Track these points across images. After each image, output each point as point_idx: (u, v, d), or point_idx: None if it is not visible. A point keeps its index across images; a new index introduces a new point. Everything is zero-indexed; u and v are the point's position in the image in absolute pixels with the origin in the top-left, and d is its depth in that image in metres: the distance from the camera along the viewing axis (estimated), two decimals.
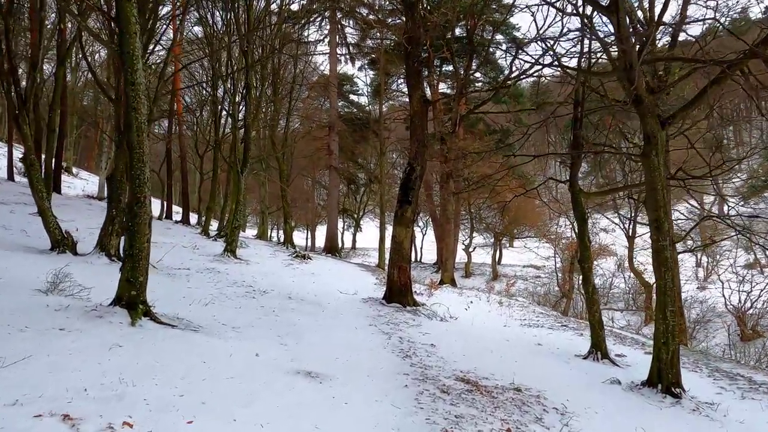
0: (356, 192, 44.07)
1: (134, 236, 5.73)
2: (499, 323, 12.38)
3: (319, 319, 8.20)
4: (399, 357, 6.55)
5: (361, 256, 40.61)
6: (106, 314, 5.51)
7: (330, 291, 11.82)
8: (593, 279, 9.36)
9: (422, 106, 11.06)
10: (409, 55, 11.00)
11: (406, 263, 11.03)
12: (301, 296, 10.13)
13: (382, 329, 8.25)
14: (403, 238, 10.95)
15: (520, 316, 13.87)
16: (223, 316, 6.91)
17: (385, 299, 11.14)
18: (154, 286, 8.80)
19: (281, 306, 8.66)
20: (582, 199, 9.41)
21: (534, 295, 25.51)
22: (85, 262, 9.78)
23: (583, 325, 13.76)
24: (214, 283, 10.03)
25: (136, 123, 5.66)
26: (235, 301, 8.37)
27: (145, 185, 5.75)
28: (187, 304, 7.31)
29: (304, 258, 18.02)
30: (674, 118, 7.29)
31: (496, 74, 31.36)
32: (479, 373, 6.42)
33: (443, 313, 11.19)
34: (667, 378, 6.98)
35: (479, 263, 36.20)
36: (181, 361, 4.59)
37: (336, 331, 7.46)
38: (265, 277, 12.13)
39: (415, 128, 11.08)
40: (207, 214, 21.29)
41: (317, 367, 5.28)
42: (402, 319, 9.68)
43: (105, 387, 3.70)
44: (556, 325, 12.75)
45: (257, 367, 4.93)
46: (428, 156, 11.52)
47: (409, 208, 10.93)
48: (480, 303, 15.60)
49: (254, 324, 6.81)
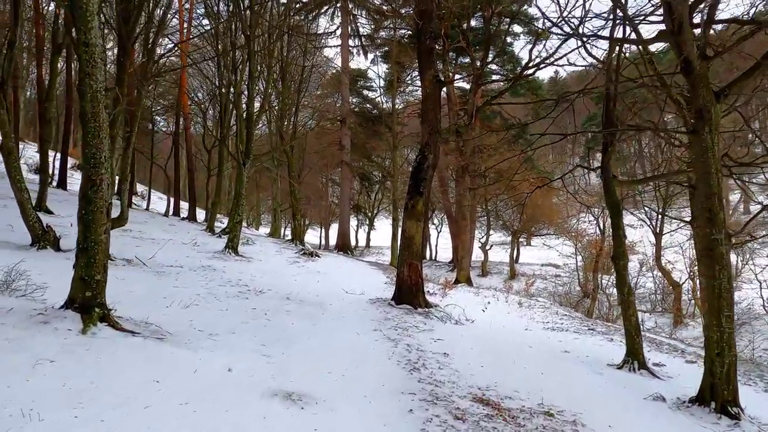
0: (370, 189, 43.17)
1: (89, 227, 4.81)
2: (520, 326, 11.33)
3: (318, 322, 7.23)
4: (405, 370, 5.55)
5: (374, 255, 39.65)
6: (54, 319, 4.61)
7: (335, 291, 10.85)
8: (629, 279, 8.27)
9: (435, 88, 10.03)
10: (420, 31, 9.98)
11: (417, 260, 10.02)
12: (301, 297, 9.18)
13: (388, 335, 7.26)
14: (414, 232, 9.93)
15: (542, 319, 12.79)
16: (203, 321, 5.97)
17: (395, 300, 10.14)
18: (135, 285, 7.96)
19: (275, 308, 7.71)
20: (616, 189, 8.33)
21: (554, 295, 24.32)
22: (66, 258, 8.91)
23: (612, 328, 12.62)
24: (205, 281, 9.13)
25: (91, 91, 4.75)
26: (223, 303, 7.44)
27: (101, 166, 4.84)
28: (165, 306, 6.40)
29: (312, 255, 17.10)
30: (730, 88, 6.18)
31: (513, 66, 30.26)
32: (500, 390, 5.40)
33: (458, 316, 10.17)
34: (722, 395, 5.90)
35: (496, 262, 35.02)
36: (127, 381, 3.66)
37: (334, 338, 6.47)
38: (265, 275, 11.21)
39: (427, 112, 10.06)
40: (212, 210, 20.47)
41: (303, 386, 4.32)
42: (412, 322, 8.68)
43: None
44: (582, 329, 11.64)
45: (225, 387, 3.98)
46: (442, 145, 10.48)
47: (421, 199, 9.91)
48: (498, 304, 14.54)
49: (237, 330, 5.85)
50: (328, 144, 33.10)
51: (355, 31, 32.28)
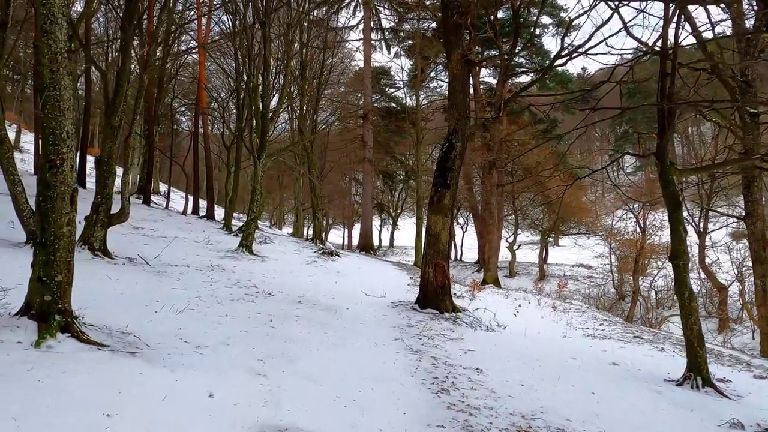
0: (393, 188, 42.22)
1: (47, 217, 3.97)
2: (557, 333, 10.25)
3: (330, 331, 6.31)
4: (432, 392, 4.58)
5: (398, 255, 38.67)
6: (3, 329, 3.79)
7: (353, 293, 9.94)
8: (689, 281, 7.14)
9: (463, 68, 9.03)
10: (446, 6, 9.00)
11: (443, 259, 9.03)
12: (314, 300, 8.28)
13: (411, 345, 6.30)
14: (440, 228, 8.95)
15: (581, 324, 11.67)
16: (194, 329, 5.10)
17: (419, 303, 9.17)
18: (129, 286, 7.16)
19: (284, 313, 6.82)
20: (674, 179, 7.21)
21: (588, 297, 22.98)
22: None
23: (660, 336, 11.44)
24: (210, 283, 8.30)
25: (49, 52, 3.91)
26: (224, 307, 6.58)
27: (63, 143, 3.99)
28: (153, 312, 5.55)
29: (331, 255, 16.25)
30: None
31: (541, 59, 29.07)
32: (549, 417, 4.39)
33: (489, 321, 9.17)
34: None
35: (524, 262, 33.71)
36: (68, 415, 2.78)
37: (347, 350, 5.53)
38: (278, 276, 10.37)
39: (455, 95, 9.06)
40: (229, 208, 19.80)
41: (301, 418, 3.40)
42: (438, 329, 7.70)
43: None
44: (626, 336, 10.49)
45: (197, 421, 3.08)
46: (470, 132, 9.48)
47: (448, 192, 8.92)
48: (530, 307, 13.47)
49: (232, 340, 4.96)
50: (351, 141, 32.28)
51: (378, 24, 31.42)
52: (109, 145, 9.18)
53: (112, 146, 9.20)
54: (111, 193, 9.11)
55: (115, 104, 9.25)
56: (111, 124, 9.22)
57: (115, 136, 9.19)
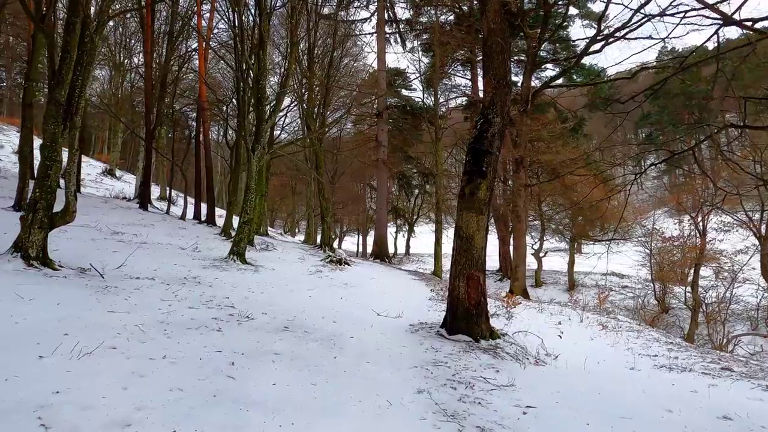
0: (410, 193, 40.10)
1: None
2: (621, 363, 8.06)
3: (321, 379, 4.20)
4: None
5: (414, 263, 36.43)
6: None
7: (361, 313, 7.84)
8: None
9: (502, 22, 6.94)
10: None
11: (479, 270, 6.86)
12: (308, 324, 6.20)
13: (441, 401, 4.17)
14: (474, 230, 6.81)
15: (643, 350, 9.45)
16: (83, 392, 3.05)
17: (446, 327, 7.03)
18: (42, 309, 5.04)
19: (258, 348, 4.74)
20: None
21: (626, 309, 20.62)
22: None
23: (752, 366, 9.12)
24: (171, 302, 6.26)
25: None
26: (170, 340, 4.52)
27: None
28: (38, 356, 3.52)
29: (340, 263, 14.19)
30: None
31: (567, 52, 27.06)
32: None
33: (536, 350, 7.04)
34: None
35: (548, 270, 31.32)
36: None
37: (343, 425, 3.43)
38: (269, 290, 8.32)
39: (492, 57, 6.96)
40: (229, 211, 17.88)
41: None
42: (476, 367, 5.56)
43: None
44: (710, 367, 8.21)
45: None
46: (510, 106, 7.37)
47: (483, 182, 6.79)
48: (572, 325, 11.30)
49: (140, 416, 2.89)
50: (364, 143, 30.30)
51: (392, 18, 29.49)
52: (53, 127, 7.25)
53: (56, 128, 7.27)
54: (54, 186, 7.16)
55: (61, 74, 7.33)
56: (55, 99, 7.29)
57: (59, 114, 7.25)
